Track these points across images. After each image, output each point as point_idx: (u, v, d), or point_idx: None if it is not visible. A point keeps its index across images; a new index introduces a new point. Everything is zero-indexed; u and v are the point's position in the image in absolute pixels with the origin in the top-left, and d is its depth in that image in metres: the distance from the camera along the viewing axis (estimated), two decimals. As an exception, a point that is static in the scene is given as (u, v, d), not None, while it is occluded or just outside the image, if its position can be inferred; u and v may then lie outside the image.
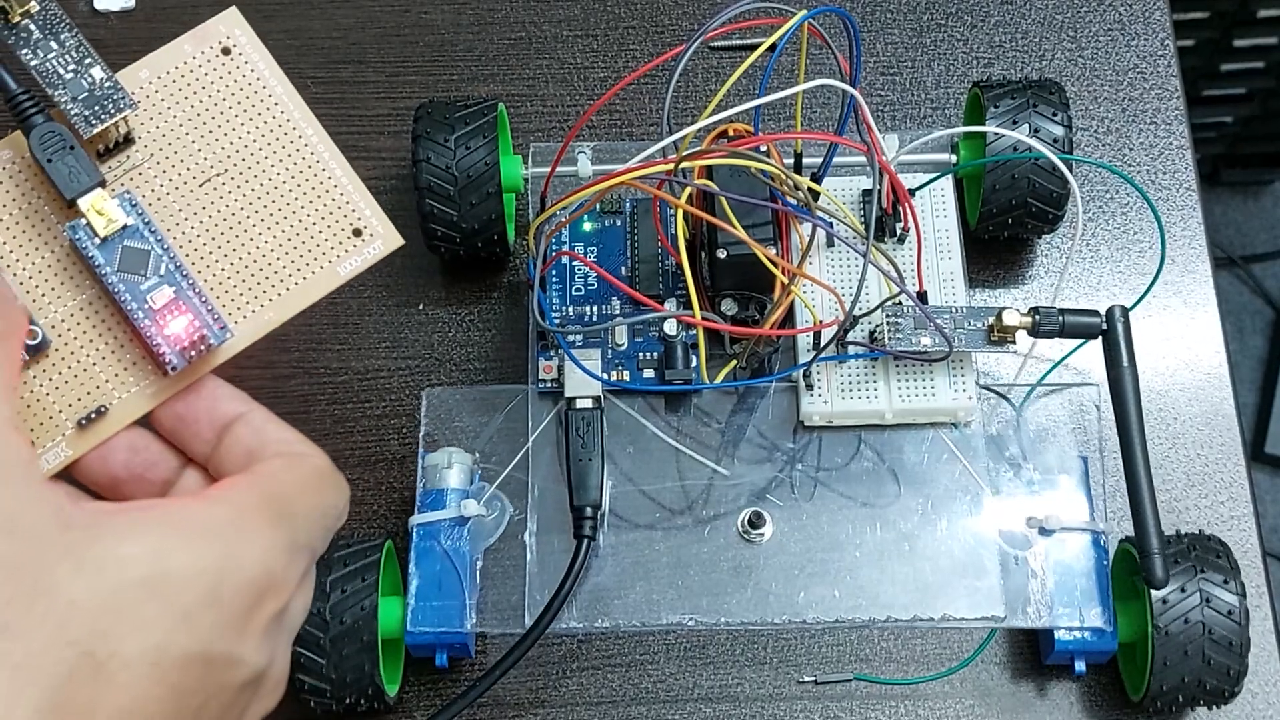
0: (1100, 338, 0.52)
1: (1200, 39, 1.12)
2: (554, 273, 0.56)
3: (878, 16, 0.67)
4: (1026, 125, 0.57)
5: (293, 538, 0.37)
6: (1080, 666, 0.53)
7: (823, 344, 0.52)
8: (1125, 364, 0.51)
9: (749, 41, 0.49)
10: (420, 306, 0.62)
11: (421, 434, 0.55)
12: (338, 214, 0.44)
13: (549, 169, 0.54)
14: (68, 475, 0.40)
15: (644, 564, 0.52)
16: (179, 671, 0.33)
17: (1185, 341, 0.61)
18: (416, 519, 0.53)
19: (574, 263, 0.56)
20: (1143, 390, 0.59)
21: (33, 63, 0.41)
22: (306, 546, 0.37)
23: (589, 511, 0.51)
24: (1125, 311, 0.52)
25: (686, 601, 0.51)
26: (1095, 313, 0.52)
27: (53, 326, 0.42)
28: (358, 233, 0.44)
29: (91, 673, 0.32)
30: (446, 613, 0.52)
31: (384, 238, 0.44)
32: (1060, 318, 0.52)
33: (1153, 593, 0.51)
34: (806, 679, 0.56)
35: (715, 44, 0.49)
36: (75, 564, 0.33)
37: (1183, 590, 0.51)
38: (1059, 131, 0.57)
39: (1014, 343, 0.53)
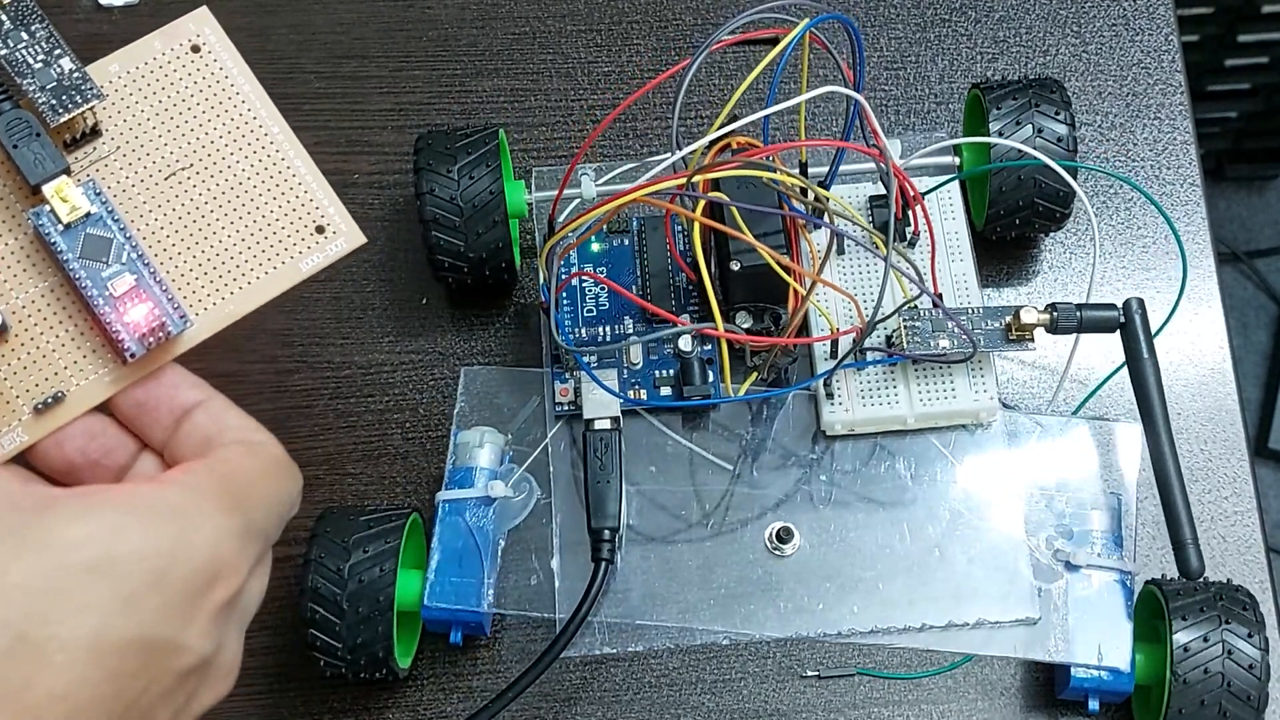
0: (1119, 331, 0.52)
1: (1204, 34, 1.12)
2: (564, 295, 0.56)
3: (881, 12, 0.67)
4: (1029, 126, 0.57)
5: (247, 524, 0.37)
6: (1094, 705, 0.52)
7: (842, 351, 0.52)
8: (1145, 355, 0.51)
9: (753, 36, 0.49)
10: (424, 300, 0.62)
11: (456, 410, 0.55)
12: (301, 211, 0.44)
13: (553, 192, 0.54)
14: (22, 460, 0.40)
15: (671, 581, 0.52)
16: (118, 656, 0.33)
17: (1189, 337, 0.61)
18: (443, 494, 0.53)
19: (584, 284, 0.56)
20: (1146, 385, 0.60)
21: (1, 52, 0.42)
22: (261, 533, 0.37)
23: (607, 534, 0.51)
24: (1142, 304, 0.52)
25: (719, 618, 0.51)
26: (1113, 306, 0.52)
27: (13, 312, 0.42)
28: (321, 230, 0.44)
29: (26, 654, 0.32)
30: (464, 590, 0.52)
31: (346, 235, 0.45)
32: (1078, 313, 0.52)
33: (1174, 639, 0.50)
34: (809, 673, 0.56)
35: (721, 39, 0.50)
36: (17, 546, 0.33)
37: (1205, 640, 0.50)
38: (1062, 130, 0.57)
39: (1032, 341, 0.52)
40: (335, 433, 0.60)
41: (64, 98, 0.42)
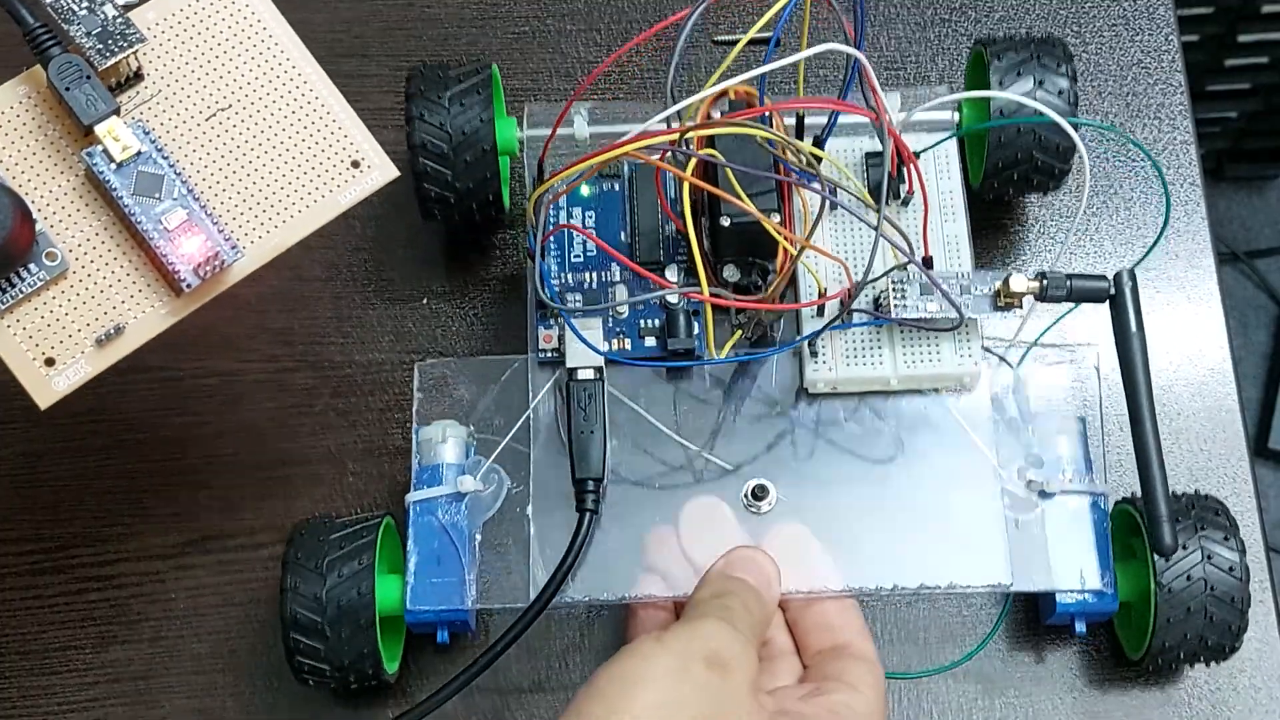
0: (1108, 302, 0.52)
1: (1205, 34, 1.12)
2: (552, 240, 0.56)
3: (881, 11, 0.67)
4: (1030, 78, 0.56)
5: None
6: (1080, 627, 0.53)
7: (828, 316, 0.52)
8: (1133, 329, 0.50)
9: (755, 35, 0.49)
10: (424, 300, 0.62)
11: (414, 408, 0.54)
12: (336, 147, 0.47)
13: (545, 131, 0.54)
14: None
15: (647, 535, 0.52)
16: None
17: (1189, 336, 0.61)
18: (413, 496, 0.53)
19: (572, 230, 0.56)
20: (1146, 385, 0.60)
21: (48, 0, 0.44)
22: None
23: (591, 484, 0.51)
24: (1133, 275, 0.51)
25: (694, 573, 0.51)
26: (1103, 277, 0.52)
27: (70, 251, 0.44)
28: (356, 164, 0.47)
29: None
30: (446, 589, 0.51)
31: (380, 169, 0.47)
32: (1068, 282, 0.52)
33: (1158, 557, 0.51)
34: (809, 673, 0.56)
35: (719, 39, 0.50)
36: None
37: (1184, 548, 0.51)
38: (1064, 84, 0.56)
39: (1020, 308, 0.52)
40: (337, 431, 0.60)
41: (109, 42, 0.44)
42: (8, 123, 0.45)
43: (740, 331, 0.53)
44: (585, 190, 0.57)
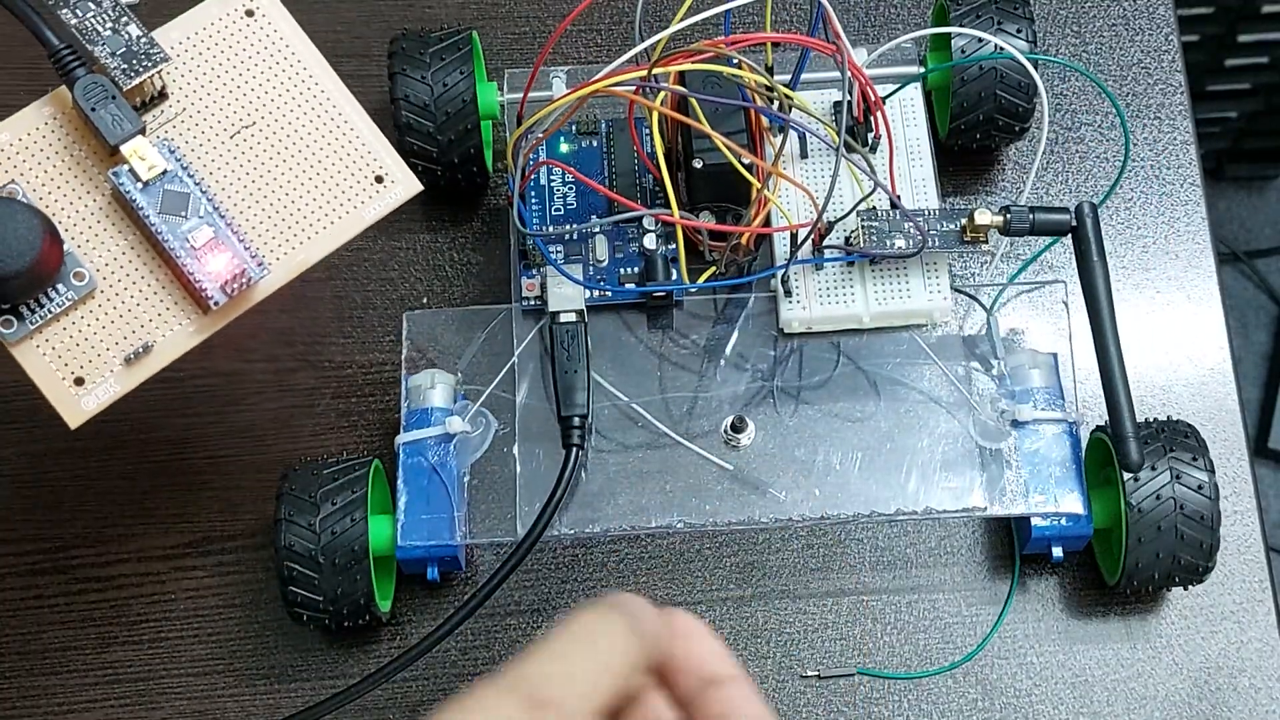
0: (1070, 234, 0.53)
1: (1205, 34, 1.12)
2: (534, 195, 0.57)
3: (881, 12, 0.67)
4: (989, 19, 0.58)
5: None
6: (1057, 553, 0.54)
7: (800, 241, 0.53)
8: (1095, 258, 0.52)
9: None
10: (425, 301, 0.62)
11: (403, 357, 0.55)
12: (360, 163, 0.47)
13: (524, 94, 0.55)
14: None
15: (630, 472, 0.53)
16: None
17: (1189, 336, 0.61)
18: (402, 437, 0.53)
19: (552, 184, 0.57)
20: (1146, 385, 0.60)
21: (72, 21, 0.44)
22: None
23: (577, 420, 0.52)
24: (1094, 208, 0.53)
25: (674, 505, 0.52)
26: (1065, 210, 0.53)
27: (98, 270, 0.45)
28: (379, 179, 0.47)
29: None
30: (436, 525, 0.52)
31: (404, 184, 0.47)
32: (1030, 215, 0.53)
33: (1125, 473, 0.52)
34: (809, 673, 0.56)
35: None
36: None
37: (1153, 469, 0.52)
38: (1021, 24, 0.58)
39: (986, 242, 0.54)
40: (338, 432, 0.60)
41: (134, 62, 0.44)
42: (34, 144, 0.45)
43: (715, 268, 0.54)
44: (564, 146, 0.58)
